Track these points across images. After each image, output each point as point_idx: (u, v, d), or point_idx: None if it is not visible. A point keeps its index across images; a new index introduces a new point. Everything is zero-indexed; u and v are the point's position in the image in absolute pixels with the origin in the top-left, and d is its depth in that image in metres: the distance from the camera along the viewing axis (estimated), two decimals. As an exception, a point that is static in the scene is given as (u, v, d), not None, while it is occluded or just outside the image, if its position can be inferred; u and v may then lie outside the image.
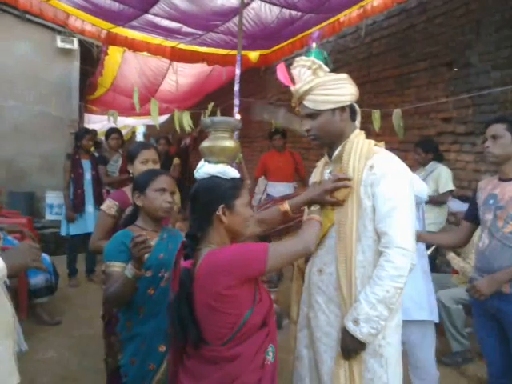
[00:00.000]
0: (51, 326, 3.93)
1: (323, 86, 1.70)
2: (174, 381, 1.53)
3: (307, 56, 1.77)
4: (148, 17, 5.39)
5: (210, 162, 1.56)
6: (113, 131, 5.76)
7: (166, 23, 5.60)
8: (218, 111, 5.60)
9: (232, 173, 1.53)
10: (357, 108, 1.82)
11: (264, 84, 8.30)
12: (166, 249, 1.94)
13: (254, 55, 7.01)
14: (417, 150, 4.27)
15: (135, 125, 13.98)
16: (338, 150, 1.78)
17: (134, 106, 6.08)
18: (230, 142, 1.60)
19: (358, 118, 1.84)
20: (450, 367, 3.31)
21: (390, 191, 1.64)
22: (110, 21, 5.73)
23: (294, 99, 1.80)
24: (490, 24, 4.13)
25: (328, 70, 1.78)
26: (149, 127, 14.16)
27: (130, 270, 1.68)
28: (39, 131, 6.88)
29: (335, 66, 1.83)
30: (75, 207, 5.05)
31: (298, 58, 1.78)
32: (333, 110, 1.72)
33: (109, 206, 2.39)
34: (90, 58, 7.06)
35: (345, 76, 1.76)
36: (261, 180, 5.72)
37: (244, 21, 5.06)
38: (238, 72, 4.36)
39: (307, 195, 1.77)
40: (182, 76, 7.75)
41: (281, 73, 1.82)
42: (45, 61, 6.94)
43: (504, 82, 3.95)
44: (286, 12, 5.17)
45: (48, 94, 6.86)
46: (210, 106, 5.19)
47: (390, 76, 5.44)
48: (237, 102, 4.31)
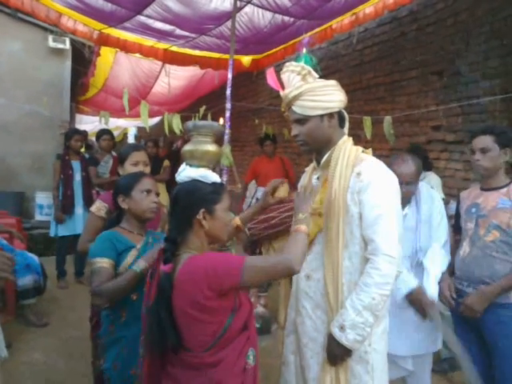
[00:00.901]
0: (38, 328, 3.87)
1: (312, 92, 1.71)
2: None
3: (297, 61, 1.78)
4: (141, 18, 5.37)
5: (191, 165, 1.55)
6: (104, 132, 5.70)
7: (159, 25, 5.58)
8: (209, 115, 5.59)
9: (213, 177, 1.53)
10: (345, 115, 1.83)
11: (256, 88, 8.31)
12: None
13: (246, 60, 7.02)
14: None
15: (127, 126, 13.93)
16: (325, 156, 1.79)
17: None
18: (212, 147, 1.61)
19: (347, 125, 1.85)
20: (437, 374, 3.31)
21: (376, 198, 1.65)
22: (103, 21, 5.69)
23: (283, 104, 1.81)
24: (480, 35, 4.18)
25: (317, 76, 1.79)
26: (140, 129, 14.09)
27: (139, 265, 1.79)
28: (29, 131, 6.81)
29: (327, 72, 1.86)
30: (64, 208, 5.00)
31: (287, 64, 1.79)
32: (321, 116, 1.73)
33: (98, 208, 2.38)
34: (82, 58, 7.02)
35: (334, 82, 1.77)
36: (251, 184, 5.73)
37: (237, 25, 5.08)
38: (230, 76, 4.37)
39: (256, 206, 1.94)
40: (175, 78, 7.73)
41: (270, 78, 1.83)
42: (36, 60, 6.90)
43: (493, 91, 3.98)
44: (278, 17, 5.20)
45: (39, 93, 6.78)
46: (202, 109, 5.18)
47: (382, 83, 5.47)
48: (228, 105, 4.32)
